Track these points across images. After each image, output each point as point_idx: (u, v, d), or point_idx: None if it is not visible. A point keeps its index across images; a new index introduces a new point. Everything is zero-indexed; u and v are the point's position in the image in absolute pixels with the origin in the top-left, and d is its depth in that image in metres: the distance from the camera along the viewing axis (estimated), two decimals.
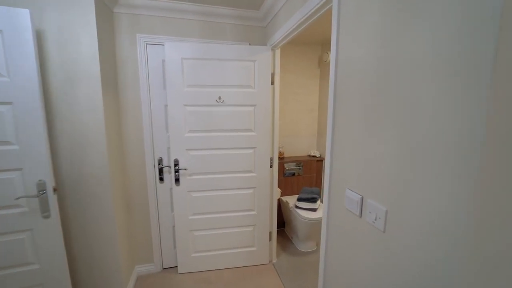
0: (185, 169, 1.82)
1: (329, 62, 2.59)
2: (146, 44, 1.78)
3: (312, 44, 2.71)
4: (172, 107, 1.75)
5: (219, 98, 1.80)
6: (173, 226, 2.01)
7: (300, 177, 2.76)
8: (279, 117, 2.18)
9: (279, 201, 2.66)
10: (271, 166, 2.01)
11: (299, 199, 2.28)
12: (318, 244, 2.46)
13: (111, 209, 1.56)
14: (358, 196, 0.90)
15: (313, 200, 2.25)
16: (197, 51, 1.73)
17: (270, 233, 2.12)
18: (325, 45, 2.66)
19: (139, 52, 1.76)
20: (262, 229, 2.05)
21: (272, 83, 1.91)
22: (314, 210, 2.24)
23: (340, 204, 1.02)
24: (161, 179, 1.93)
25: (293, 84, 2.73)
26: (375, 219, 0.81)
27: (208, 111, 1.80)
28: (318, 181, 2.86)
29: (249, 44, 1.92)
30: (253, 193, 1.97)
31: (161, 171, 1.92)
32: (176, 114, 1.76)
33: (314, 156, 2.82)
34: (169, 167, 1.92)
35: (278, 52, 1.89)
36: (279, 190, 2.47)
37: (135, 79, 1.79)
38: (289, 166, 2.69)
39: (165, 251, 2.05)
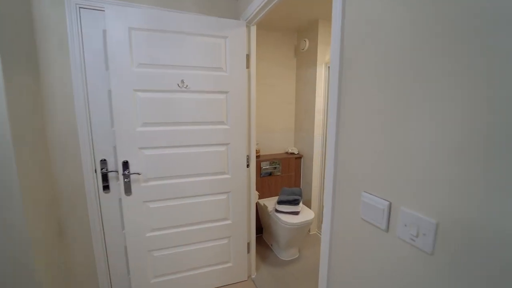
0: (138, 173, 1.41)
1: (306, 51, 2.38)
2: (79, 8, 1.33)
3: (287, 30, 2.47)
4: (117, 92, 1.33)
5: (182, 82, 1.43)
6: (126, 247, 1.57)
7: (278, 176, 2.50)
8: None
9: (256, 205, 2.36)
10: (247, 166, 1.70)
11: (279, 202, 2.01)
12: (300, 251, 2.22)
13: (26, 241, 1.09)
14: (383, 203, 0.64)
15: (295, 202, 2.00)
16: (150, 19, 1.34)
17: (248, 244, 1.81)
18: (302, 32, 2.45)
19: (68, 18, 1.30)
20: (239, 241, 1.73)
21: (248, 66, 1.60)
22: (297, 213, 1.99)
23: (352, 213, 0.76)
24: (106, 187, 1.49)
25: (268, 74, 2.46)
26: (416, 235, 0.56)
27: (168, 98, 1.42)
28: (297, 181, 2.64)
29: None
30: (227, 198, 1.64)
31: (105, 177, 1.47)
32: (124, 102, 1.35)
33: (292, 153, 2.59)
34: (117, 171, 1.48)
35: (254, 29, 1.59)
36: (256, 193, 2.18)
37: (63, 54, 1.33)
38: (265, 165, 2.41)
39: (116, 279, 1.60)
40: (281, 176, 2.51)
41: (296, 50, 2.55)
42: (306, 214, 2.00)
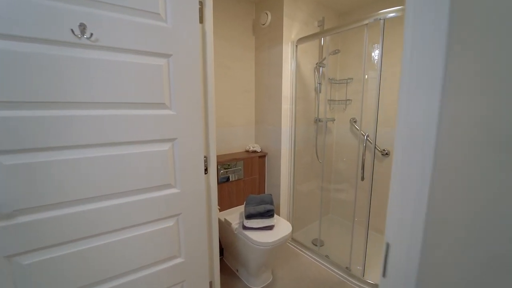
0: None
1: (268, 26, 1.96)
2: None
3: (244, 1, 2.00)
4: None
5: (82, 28, 0.78)
6: None
7: (240, 181, 2.01)
8: None
9: None
10: (205, 172, 1.16)
11: (248, 216, 1.53)
12: (273, 272, 1.79)
13: None
14: None
15: (268, 214, 1.55)
16: None
17: (211, 284, 1.26)
18: (261, 3, 2.02)
19: None
20: (196, 284, 1.16)
21: (202, 21, 1.06)
22: (271, 227, 1.55)
23: None
24: None
25: (222, 54, 1.94)
26: None
27: (55, 57, 0.75)
28: (262, 185, 2.20)
29: None
30: (175, 225, 1.05)
31: None
32: None
33: (255, 152, 2.15)
34: None
35: None
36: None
37: None
38: (223, 168, 1.89)
39: None
40: (243, 181, 2.03)
41: (255, 26, 2.11)
42: (282, 227, 1.58)
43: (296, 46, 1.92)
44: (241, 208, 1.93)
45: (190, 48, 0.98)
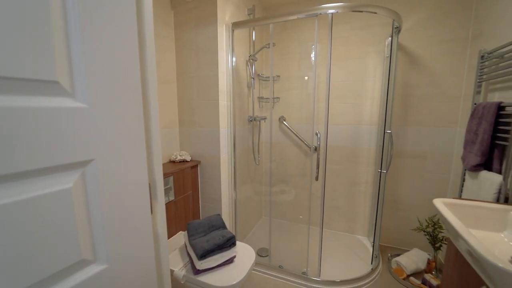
0: None
1: (195, 0, 1.53)
2: None
3: None
4: None
5: None
6: None
7: (171, 204, 1.48)
8: None
9: None
10: (152, 211, 0.66)
11: (203, 254, 1.08)
12: None
13: None
14: None
15: (229, 243, 1.16)
16: None
17: None
18: None
19: None
20: None
21: None
22: (232, 260, 1.18)
23: None
24: None
25: None
26: None
27: None
28: (196, 203, 1.74)
29: None
30: None
31: None
32: None
33: (183, 161, 1.66)
34: None
35: None
36: None
37: None
38: None
39: None
40: (174, 202, 1.51)
41: None
42: (243, 254, 1.25)
43: (233, 30, 1.60)
44: (177, 241, 1.42)
45: None
